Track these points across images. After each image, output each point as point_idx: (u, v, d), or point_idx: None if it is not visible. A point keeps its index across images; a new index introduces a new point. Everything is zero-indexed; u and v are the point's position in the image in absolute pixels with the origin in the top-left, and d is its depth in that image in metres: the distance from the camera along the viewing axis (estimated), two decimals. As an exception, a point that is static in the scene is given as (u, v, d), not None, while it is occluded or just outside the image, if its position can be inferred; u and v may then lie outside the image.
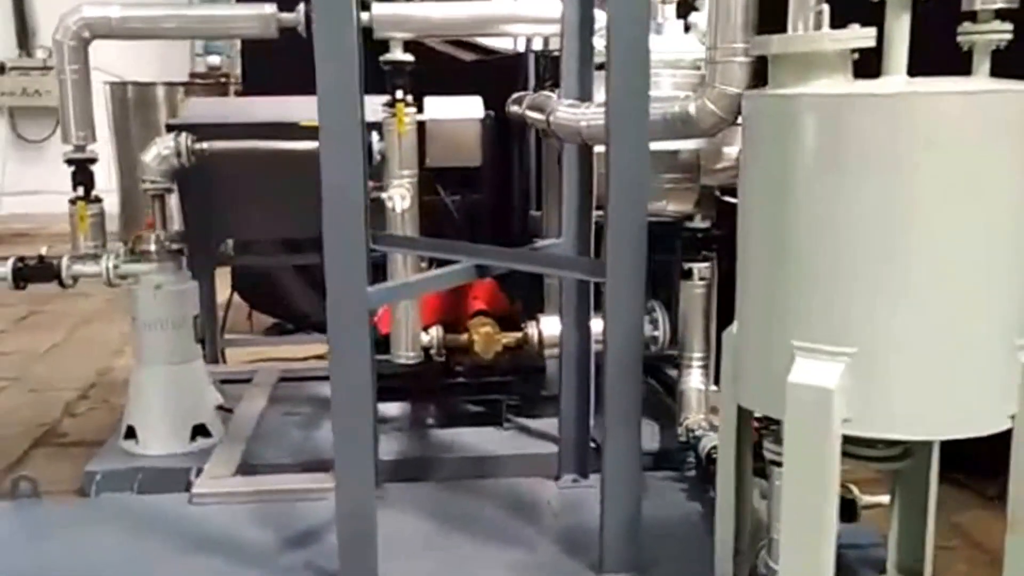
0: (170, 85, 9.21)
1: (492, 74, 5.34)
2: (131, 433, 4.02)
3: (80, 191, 4.02)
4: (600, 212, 3.95)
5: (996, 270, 2.11)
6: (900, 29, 2.22)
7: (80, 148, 4.01)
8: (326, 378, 4.23)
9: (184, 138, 4.02)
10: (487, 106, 4.76)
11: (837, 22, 2.21)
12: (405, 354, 4.18)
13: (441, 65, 5.45)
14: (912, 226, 2.07)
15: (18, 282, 3.99)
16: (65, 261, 3.98)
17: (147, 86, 9.03)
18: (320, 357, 5.14)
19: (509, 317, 4.35)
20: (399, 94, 3.98)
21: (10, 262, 3.99)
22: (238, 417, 4.27)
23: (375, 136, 4.03)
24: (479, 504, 3.51)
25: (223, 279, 5.60)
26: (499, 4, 4.10)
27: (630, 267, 2.67)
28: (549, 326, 4.02)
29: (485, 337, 4.23)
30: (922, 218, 2.07)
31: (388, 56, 4.01)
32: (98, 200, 4.07)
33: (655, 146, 2.73)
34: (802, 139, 2.16)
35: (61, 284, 4.01)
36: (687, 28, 4.01)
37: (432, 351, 4.24)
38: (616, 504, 2.81)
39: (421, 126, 4.52)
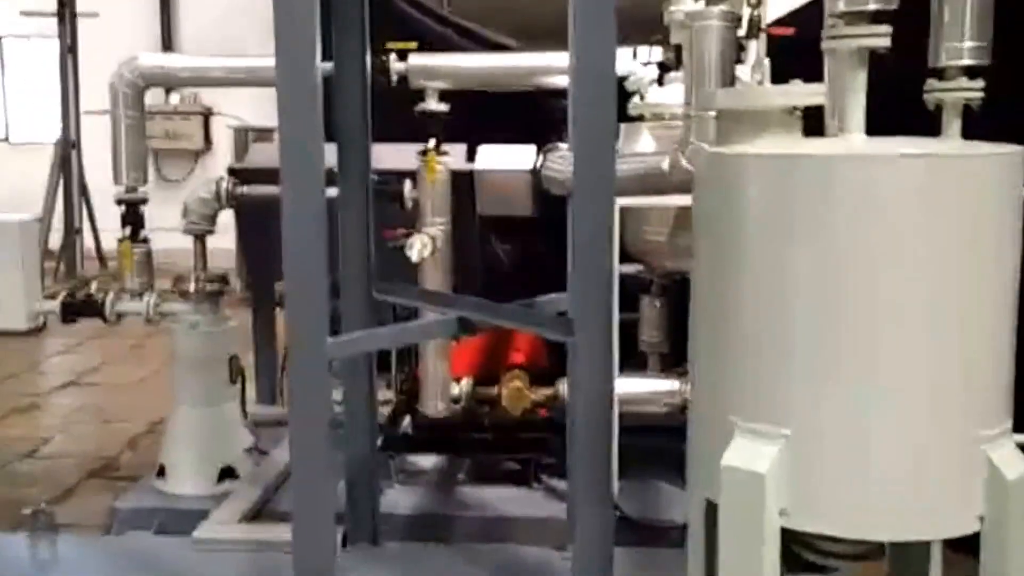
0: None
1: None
2: (162, 472, 4.08)
3: (128, 231, 4.14)
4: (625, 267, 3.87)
5: (947, 352, 1.88)
6: (855, 87, 2.04)
7: (131, 190, 4.13)
8: None
9: (225, 183, 4.09)
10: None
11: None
12: (434, 405, 4.12)
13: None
14: (850, 300, 1.88)
15: (67, 316, 4.12)
16: (110, 298, 4.09)
17: (267, 131, 9.35)
18: (386, 403, 5.13)
19: (549, 372, 4.24)
20: (432, 143, 3.97)
21: (60, 297, 4.13)
22: (269, 461, 4.27)
23: (407, 184, 4.02)
24: (473, 572, 3.38)
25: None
26: (536, 55, 4.05)
27: (597, 326, 2.53)
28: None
29: (514, 392, 4.13)
30: (860, 291, 1.88)
31: (423, 106, 4.01)
32: (146, 240, 4.18)
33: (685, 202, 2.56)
34: (737, 201, 2.00)
35: (104, 320, 4.12)
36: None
37: (461, 403, 4.17)
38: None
39: (470, 176, 4.52)
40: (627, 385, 3.91)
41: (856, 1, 2.02)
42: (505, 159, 4.65)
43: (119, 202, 4.16)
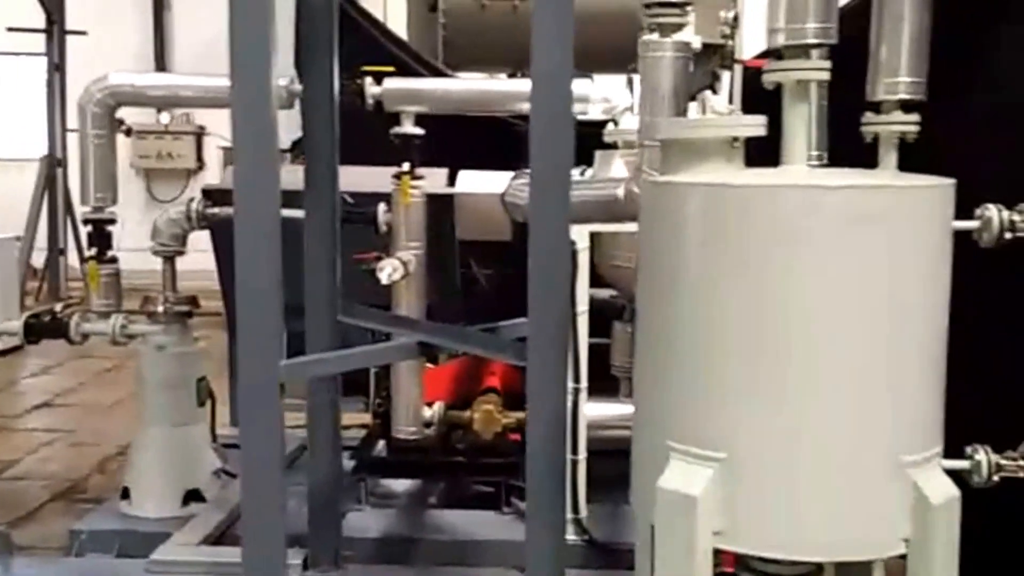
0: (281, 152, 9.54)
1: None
2: (126, 494, 4.08)
3: (94, 251, 4.15)
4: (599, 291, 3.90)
5: (875, 379, 1.92)
6: (798, 118, 2.08)
7: (98, 209, 4.14)
8: (346, 448, 4.35)
9: (196, 203, 4.11)
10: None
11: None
12: (405, 429, 4.13)
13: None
14: (780, 327, 1.91)
15: (29, 337, 4.12)
16: (75, 319, 4.10)
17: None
18: (364, 426, 5.14)
19: (524, 396, 4.24)
20: (406, 166, 4.01)
21: (22, 318, 4.13)
22: (237, 484, 4.26)
23: (381, 207, 4.05)
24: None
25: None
26: (511, 81, 4.09)
27: (551, 351, 2.55)
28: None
29: (485, 416, 4.16)
30: (790, 319, 1.91)
31: (398, 129, 4.04)
32: (113, 260, 4.19)
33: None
34: (673, 229, 2.04)
35: (70, 341, 4.12)
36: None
37: (433, 427, 4.19)
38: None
39: (450, 199, 4.57)
40: (597, 410, 3.94)
41: (796, 35, 2.07)
42: (485, 184, 4.70)
43: (85, 222, 4.17)
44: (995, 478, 2.13)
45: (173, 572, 3.46)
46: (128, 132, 12.93)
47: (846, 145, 2.24)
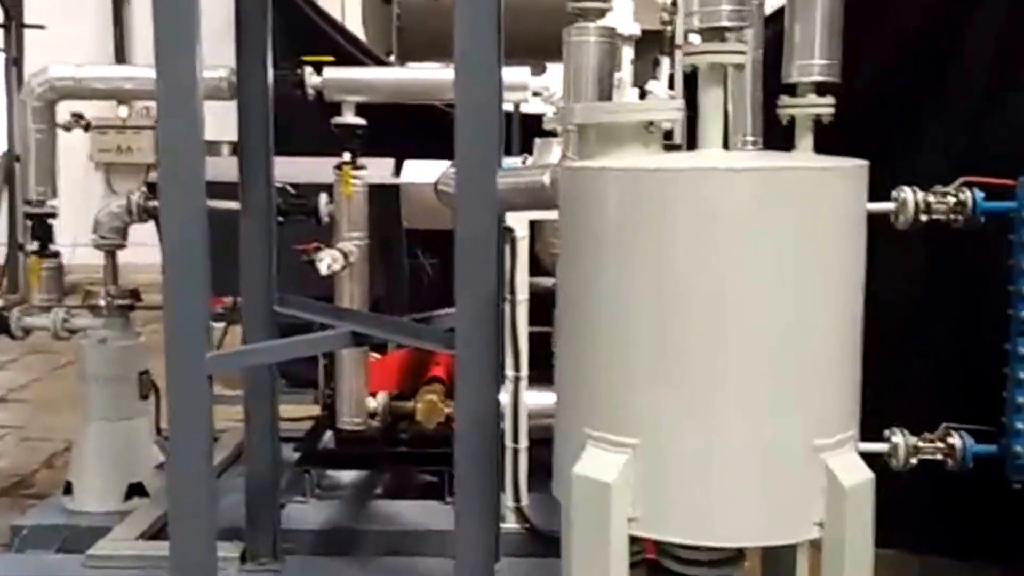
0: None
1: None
2: (69, 489, 4.03)
3: (36, 245, 4.10)
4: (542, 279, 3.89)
5: (786, 363, 1.90)
6: (713, 102, 2.07)
7: (39, 203, 4.10)
8: (293, 439, 4.34)
9: (137, 196, 4.06)
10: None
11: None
12: (350, 419, 4.12)
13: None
14: (692, 312, 1.90)
15: (-34, 332, 4.07)
16: (16, 313, 4.05)
17: (215, 143, 9.30)
18: (313, 418, 5.11)
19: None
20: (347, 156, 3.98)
21: (-38, 313, 4.08)
22: (182, 477, 4.23)
23: (323, 198, 4.02)
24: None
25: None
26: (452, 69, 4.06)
27: (478, 340, 2.55)
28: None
29: (428, 405, 4.14)
30: (701, 303, 1.89)
31: (339, 120, 4.02)
32: (55, 255, 4.15)
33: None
34: (586, 214, 2.02)
35: (11, 336, 4.07)
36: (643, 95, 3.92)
37: (378, 418, 4.18)
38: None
39: (392, 189, 4.55)
40: (539, 398, 3.93)
41: (710, 18, 2.06)
42: (431, 173, 4.67)
43: (27, 216, 4.12)
44: (912, 461, 2.13)
45: (111, 567, 3.43)
46: (87, 127, 12.84)
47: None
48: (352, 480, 4.41)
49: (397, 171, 4.75)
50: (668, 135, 2.93)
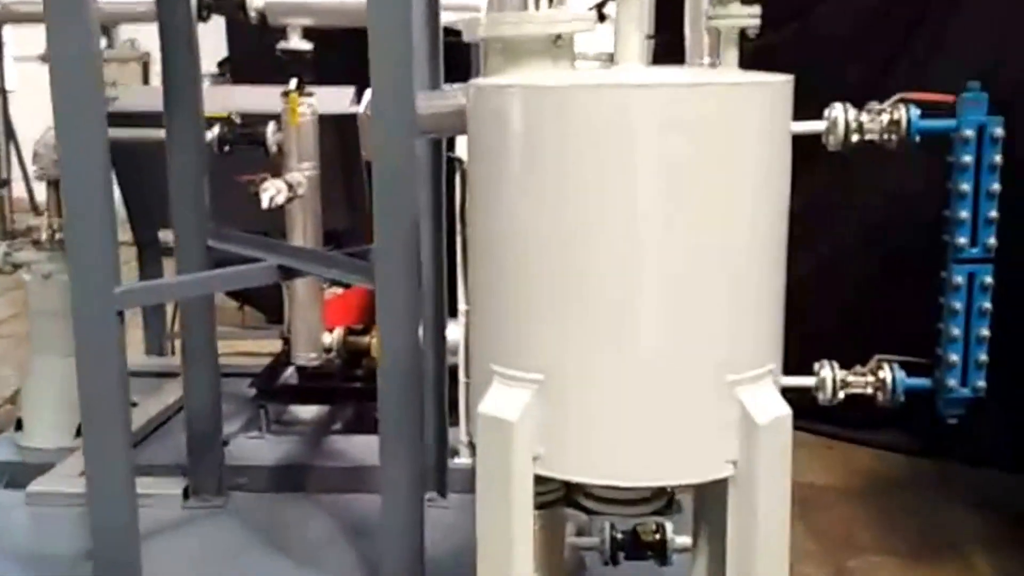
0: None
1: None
2: (21, 425, 3.96)
3: (-24, 179, 3.98)
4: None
5: (696, 293, 1.78)
6: (630, 16, 1.92)
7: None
8: (248, 375, 4.25)
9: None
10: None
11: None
12: (305, 355, 4.02)
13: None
14: (594, 237, 1.77)
15: (-87, 267, 3.97)
16: (-44, 248, 3.94)
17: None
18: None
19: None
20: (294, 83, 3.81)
21: (-95, 247, 3.97)
22: (136, 413, 4.15)
23: (271, 127, 3.87)
24: (314, 520, 3.32)
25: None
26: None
27: (398, 271, 2.43)
28: (450, 332, 3.79)
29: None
30: (604, 228, 1.76)
31: (285, 45, 3.85)
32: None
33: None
34: (487, 134, 1.89)
35: (-47, 270, 3.97)
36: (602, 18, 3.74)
37: (332, 353, 4.08)
38: (394, 538, 2.56)
39: (353, 119, 4.38)
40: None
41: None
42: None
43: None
44: (840, 395, 2.01)
45: (52, 504, 3.36)
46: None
47: None
48: (312, 416, 4.32)
49: (359, 100, 4.58)
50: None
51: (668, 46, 3.60)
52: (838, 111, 1.95)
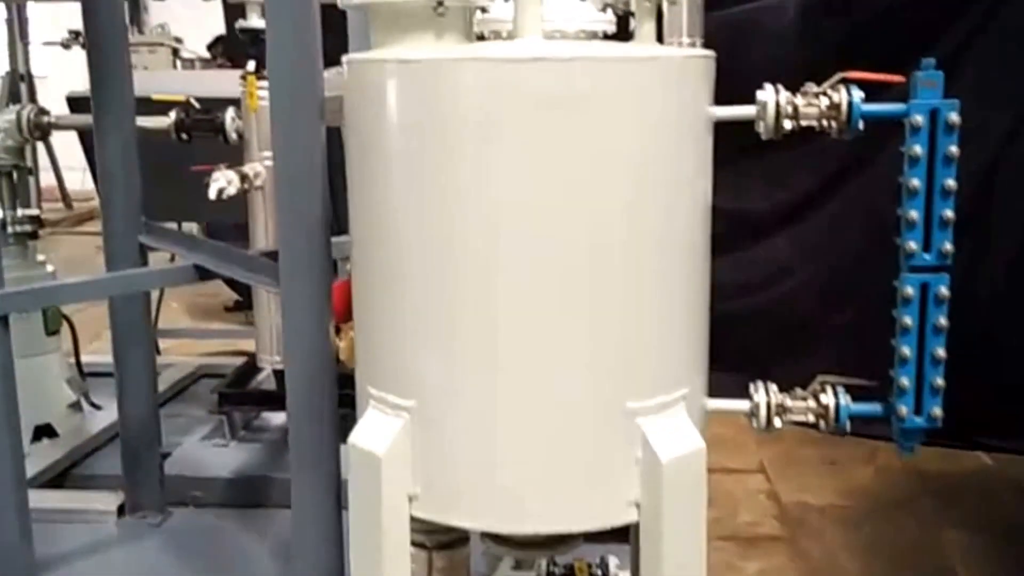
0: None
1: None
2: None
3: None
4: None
5: (580, 302, 1.50)
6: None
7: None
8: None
9: (27, 111, 3.71)
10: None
11: None
12: (268, 357, 3.80)
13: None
14: (466, 243, 1.50)
15: None
16: (-89, 240, 3.76)
17: (209, 61, 8.89)
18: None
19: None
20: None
21: None
22: (97, 418, 3.96)
23: (230, 112, 3.63)
24: (253, 537, 3.09)
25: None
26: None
27: (303, 273, 2.18)
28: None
29: (351, 343, 3.78)
30: (475, 231, 1.50)
31: (243, 23, 3.63)
32: (-51, 178, 3.83)
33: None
34: (364, 118, 1.63)
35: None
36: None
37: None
38: (307, 555, 2.31)
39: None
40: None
41: None
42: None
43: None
44: (777, 423, 1.73)
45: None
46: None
47: None
48: (284, 423, 4.09)
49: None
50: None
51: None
52: (767, 94, 1.65)
